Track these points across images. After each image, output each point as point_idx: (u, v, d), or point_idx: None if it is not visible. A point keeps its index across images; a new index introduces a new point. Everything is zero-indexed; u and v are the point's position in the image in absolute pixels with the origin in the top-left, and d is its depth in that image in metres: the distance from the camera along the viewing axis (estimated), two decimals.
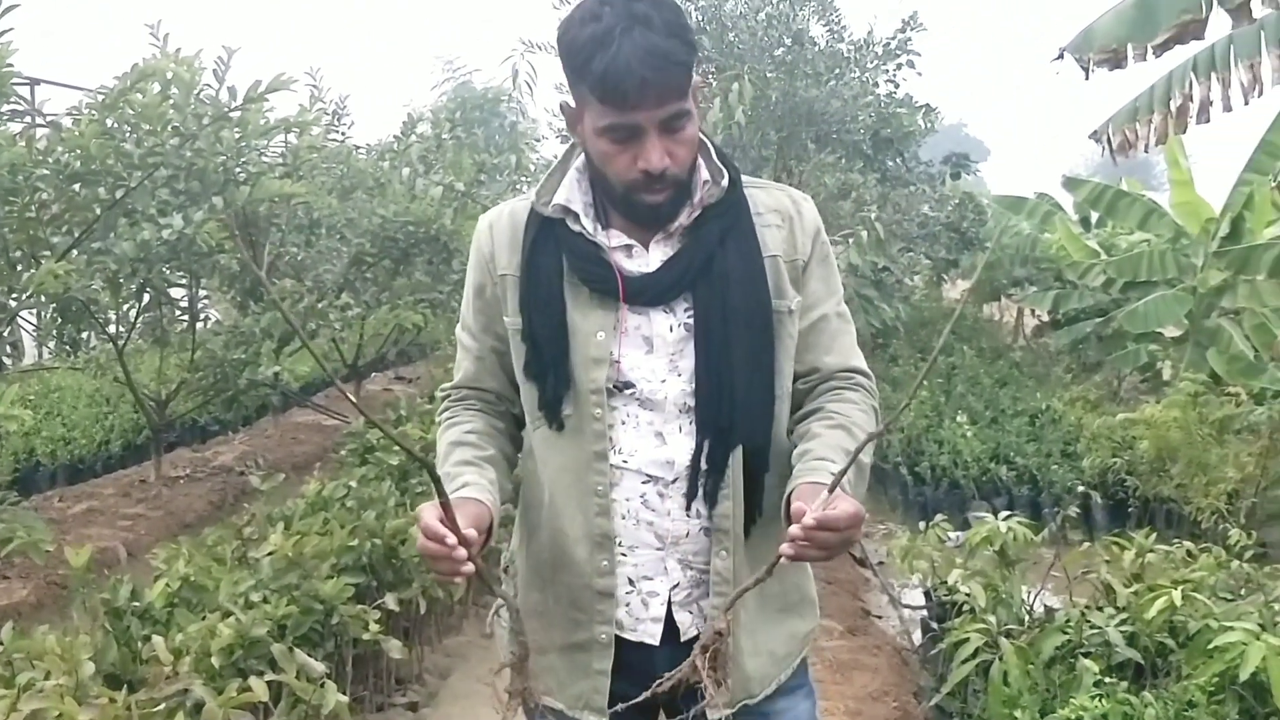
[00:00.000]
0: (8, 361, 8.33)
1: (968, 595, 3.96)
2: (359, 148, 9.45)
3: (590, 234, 1.79)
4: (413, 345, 12.66)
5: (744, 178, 1.85)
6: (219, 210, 5.85)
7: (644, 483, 1.80)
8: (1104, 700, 3.17)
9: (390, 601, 4.14)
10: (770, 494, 1.81)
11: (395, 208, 7.72)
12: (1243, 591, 3.87)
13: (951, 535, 4.83)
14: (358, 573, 4.22)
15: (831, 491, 1.55)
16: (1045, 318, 12.67)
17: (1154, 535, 4.23)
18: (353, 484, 5.15)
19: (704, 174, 1.80)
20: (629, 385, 1.79)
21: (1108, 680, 3.28)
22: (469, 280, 1.93)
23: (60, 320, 6.63)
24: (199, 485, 7.46)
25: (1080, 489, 6.71)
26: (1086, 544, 4.88)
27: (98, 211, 5.58)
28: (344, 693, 3.53)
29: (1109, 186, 10.18)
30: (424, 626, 4.79)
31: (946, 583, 4.33)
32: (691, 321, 1.78)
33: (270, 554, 3.92)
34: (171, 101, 5.64)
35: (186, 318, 7.60)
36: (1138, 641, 3.52)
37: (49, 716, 2.53)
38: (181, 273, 7.00)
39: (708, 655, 1.62)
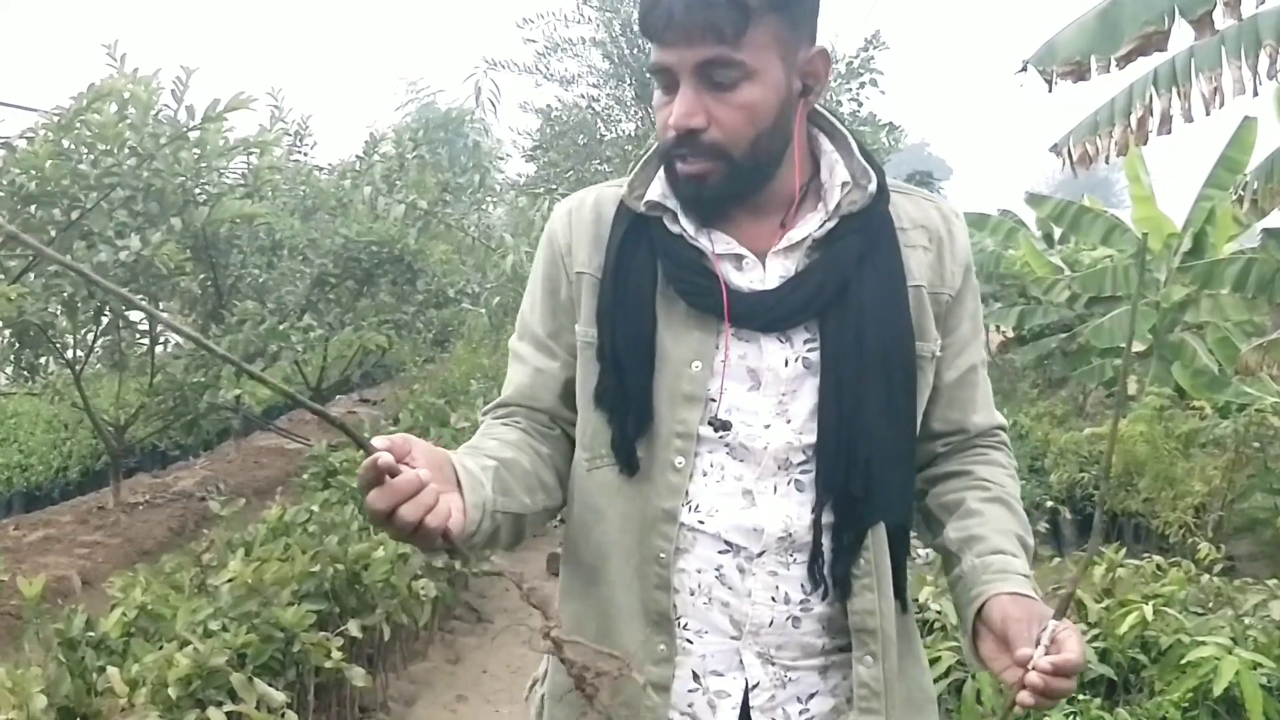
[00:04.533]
0: None
1: (939, 613, 3.93)
2: (321, 168, 9.36)
3: (691, 236, 1.45)
4: (377, 367, 12.55)
5: (888, 181, 1.50)
6: (177, 231, 5.77)
7: (721, 552, 1.45)
8: (1078, 718, 3.14)
9: (353, 628, 4.06)
10: (897, 577, 1.49)
11: (358, 227, 7.64)
12: (1212, 605, 3.86)
13: (921, 553, 4.80)
14: (320, 599, 4.15)
15: (1057, 617, 1.30)
16: (1010, 334, 12.74)
17: (1123, 550, 4.22)
18: (315, 508, 5.07)
19: (841, 173, 1.46)
20: (725, 426, 1.44)
21: (1080, 697, 3.25)
22: (536, 276, 1.58)
23: (17, 345, 6.52)
24: (158, 511, 7.33)
25: (1049, 504, 6.72)
26: (1056, 559, 4.87)
27: (53, 233, 5.48)
28: None
29: (1071, 203, 10.24)
30: (388, 653, 4.71)
31: (918, 600, 4.30)
32: (812, 356, 1.44)
33: (230, 581, 3.84)
34: (129, 121, 5.57)
35: (146, 341, 7.48)
36: (1110, 657, 3.50)
37: None
38: (140, 295, 6.88)
39: None
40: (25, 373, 6.96)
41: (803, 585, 1.44)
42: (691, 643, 1.48)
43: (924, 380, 1.49)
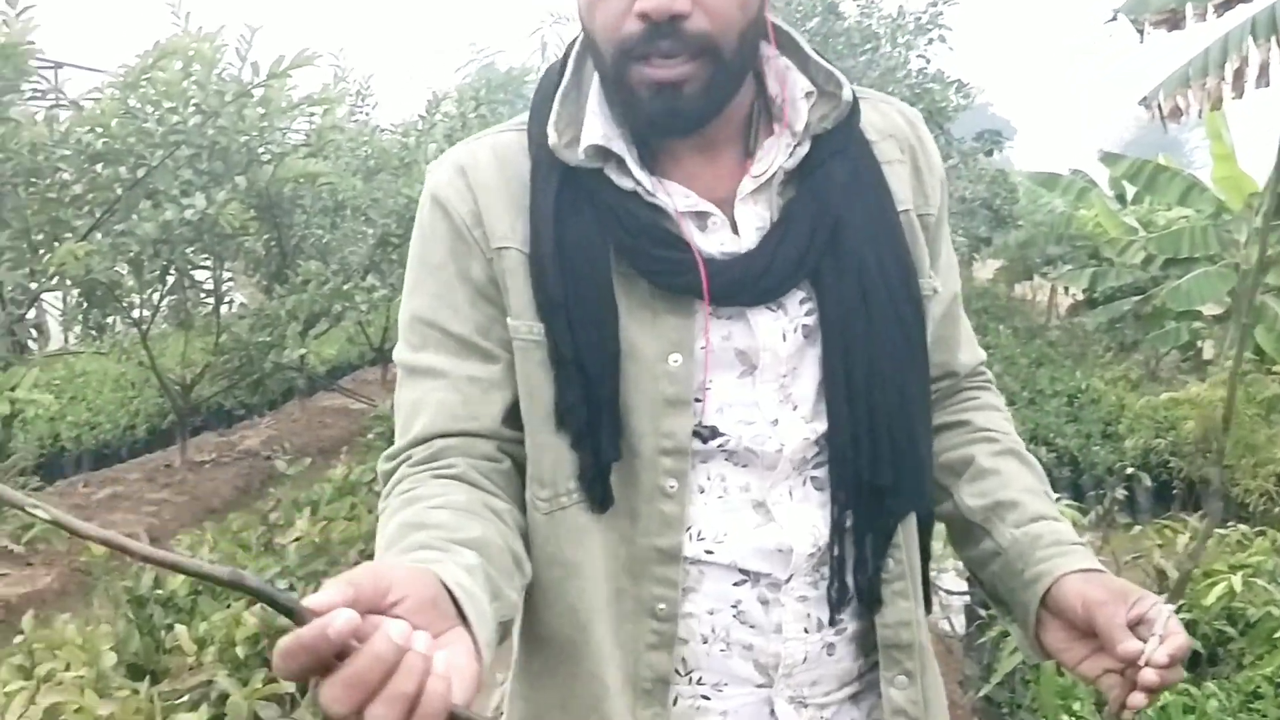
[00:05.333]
0: (33, 346, 8.30)
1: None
2: (383, 130, 9.35)
3: (648, 191, 1.12)
4: None
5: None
6: (242, 190, 5.76)
7: (738, 584, 1.16)
8: (1164, 694, 3.03)
9: None
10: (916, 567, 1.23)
11: (420, 187, 7.60)
12: None
13: None
14: None
15: (1174, 599, 1.13)
16: (1080, 296, 12.48)
17: (1207, 519, 4.08)
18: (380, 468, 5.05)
19: (800, 82, 1.15)
20: (714, 434, 1.14)
21: None
22: (430, 259, 1.18)
23: (85, 304, 6.58)
24: (225, 470, 7.39)
25: (1128, 470, 6.56)
26: (1135, 527, 4.74)
27: (119, 192, 5.50)
28: None
29: (1148, 161, 9.95)
30: None
31: None
32: (811, 321, 1.15)
33: (296, 540, 3.84)
34: (193, 79, 5.56)
35: (211, 301, 7.52)
36: (1196, 629, 3.38)
37: (68, 710, 2.43)
38: (205, 255, 6.92)
39: None
40: (93, 332, 7.03)
41: (830, 603, 1.18)
42: (709, 699, 1.18)
43: (929, 327, 1.22)
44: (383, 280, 7.59)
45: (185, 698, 2.77)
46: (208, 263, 7.27)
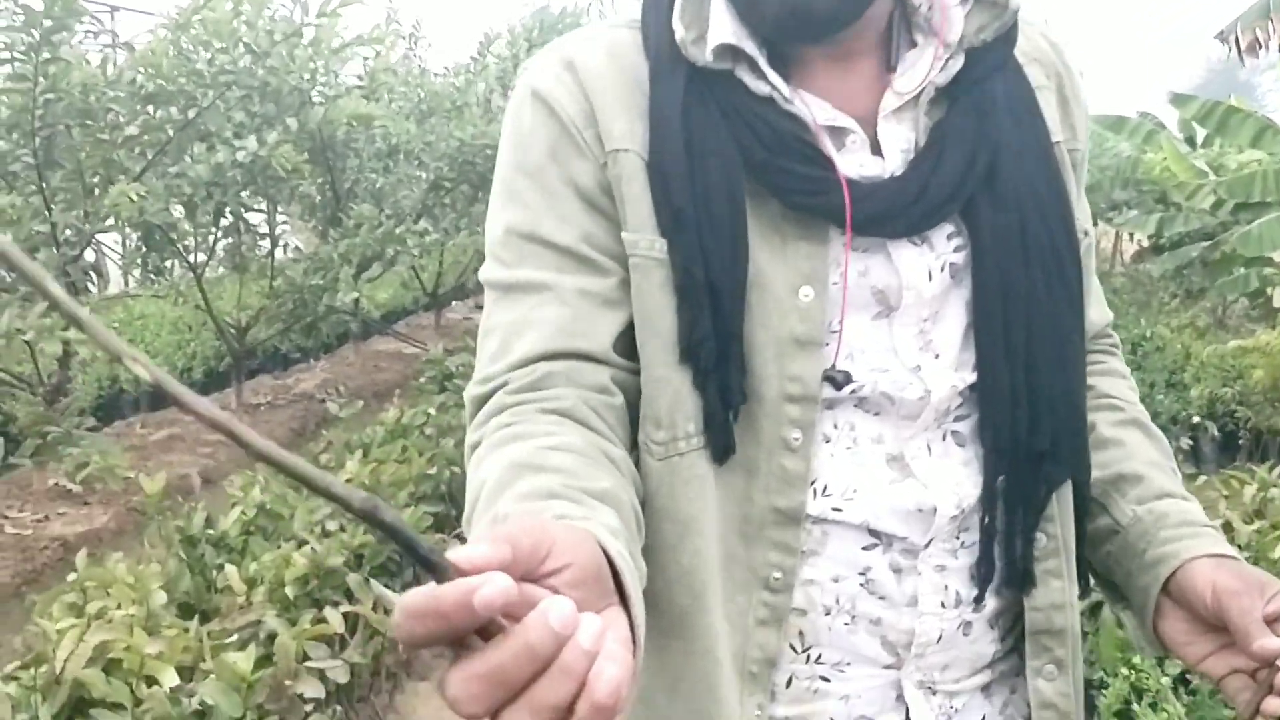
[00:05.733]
0: (93, 289, 8.38)
1: None
2: (435, 73, 9.29)
3: (785, 98, 0.97)
4: None
5: None
6: (294, 132, 5.74)
7: (867, 548, 1.02)
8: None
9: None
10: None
11: (473, 130, 7.56)
12: None
13: None
14: (436, 501, 4.15)
15: None
16: (1146, 242, 12.19)
17: (1277, 469, 3.96)
18: (431, 411, 5.07)
19: None
20: (847, 379, 1.00)
21: None
22: (528, 163, 1.02)
23: (143, 248, 6.62)
24: (280, 412, 7.44)
25: (1194, 420, 6.40)
26: (1200, 478, 4.62)
27: (171, 133, 5.49)
28: None
29: (1219, 103, 9.62)
30: None
31: None
32: (959, 259, 1.01)
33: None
34: (243, 18, 5.52)
35: (266, 244, 7.55)
36: None
37: (116, 647, 2.44)
38: (259, 198, 6.93)
39: None
40: (151, 276, 7.09)
41: (972, 576, 1.04)
42: (828, 680, 1.04)
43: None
44: (435, 225, 7.57)
45: (234, 637, 2.78)
46: (262, 206, 7.28)
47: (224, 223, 6.83)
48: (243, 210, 6.77)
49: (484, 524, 0.80)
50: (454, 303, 12.06)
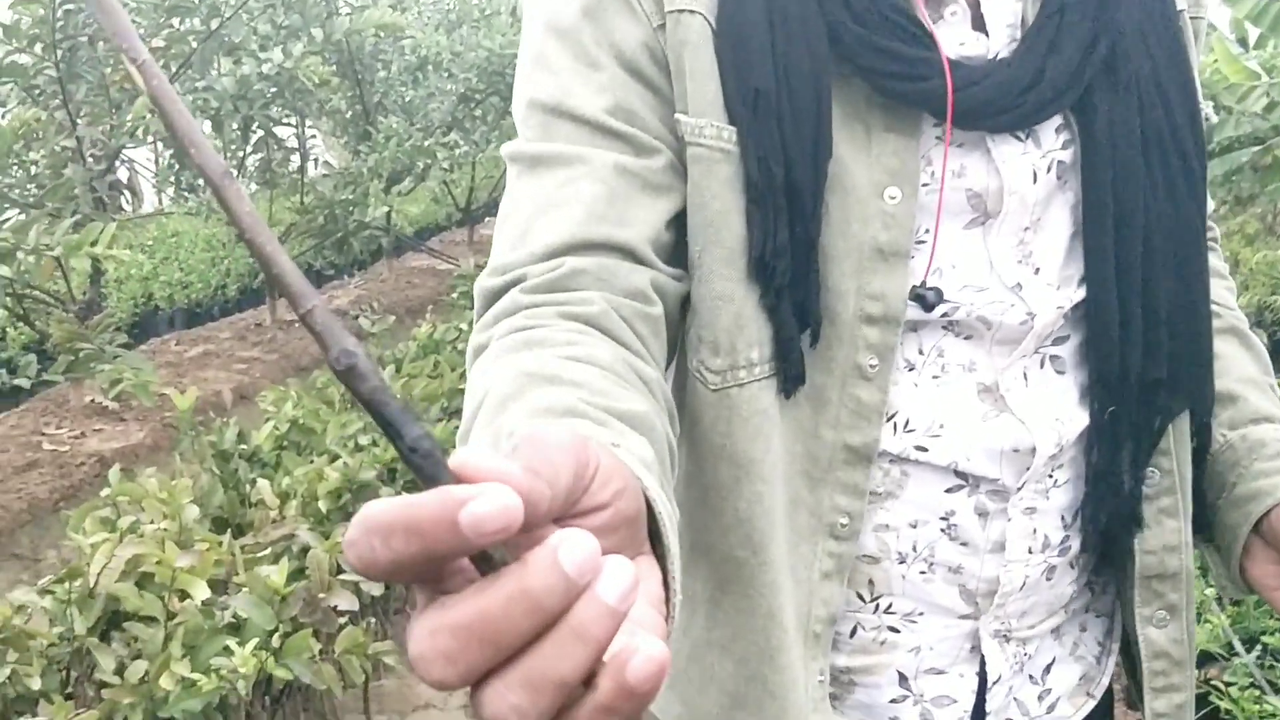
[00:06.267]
0: (127, 207, 8.36)
1: None
2: None
3: None
4: None
5: None
6: (319, 42, 5.64)
7: (950, 490, 0.90)
8: None
9: None
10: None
11: (501, 39, 7.43)
12: None
13: None
14: None
15: None
16: None
17: None
18: (464, 327, 5.04)
19: None
20: (939, 298, 0.86)
21: None
22: (554, 23, 0.87)
23: (175, 165, 6.58)
24: None
25: None
26: None
27: (194, 45, 5.41)
28: None
29: (1274, 0, 9.30)
30: None
31: None
32: (1067, 158, 0.87)
33: None
34: None
35: (297, 159, 7.49)
36: None
37: (148, 561, 2.43)
38: (288, 111, 6.85)
39: None
40: (185, 194, 7.06)
41: (1063, 518, 0.93)
42: (898, 631, 0.93)
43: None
44: (465, 137, 7.48)
45: (267, 551, 2.77)
46: (291, 120, 7.21)
47: (253, 138, 6.77)
48: (271, 125, 6.70)
49: (484, 441, 0.63)
50: (486, 218, 11.98)
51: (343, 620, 2.67)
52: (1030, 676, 0.98)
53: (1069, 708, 1.01)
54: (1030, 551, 0.92)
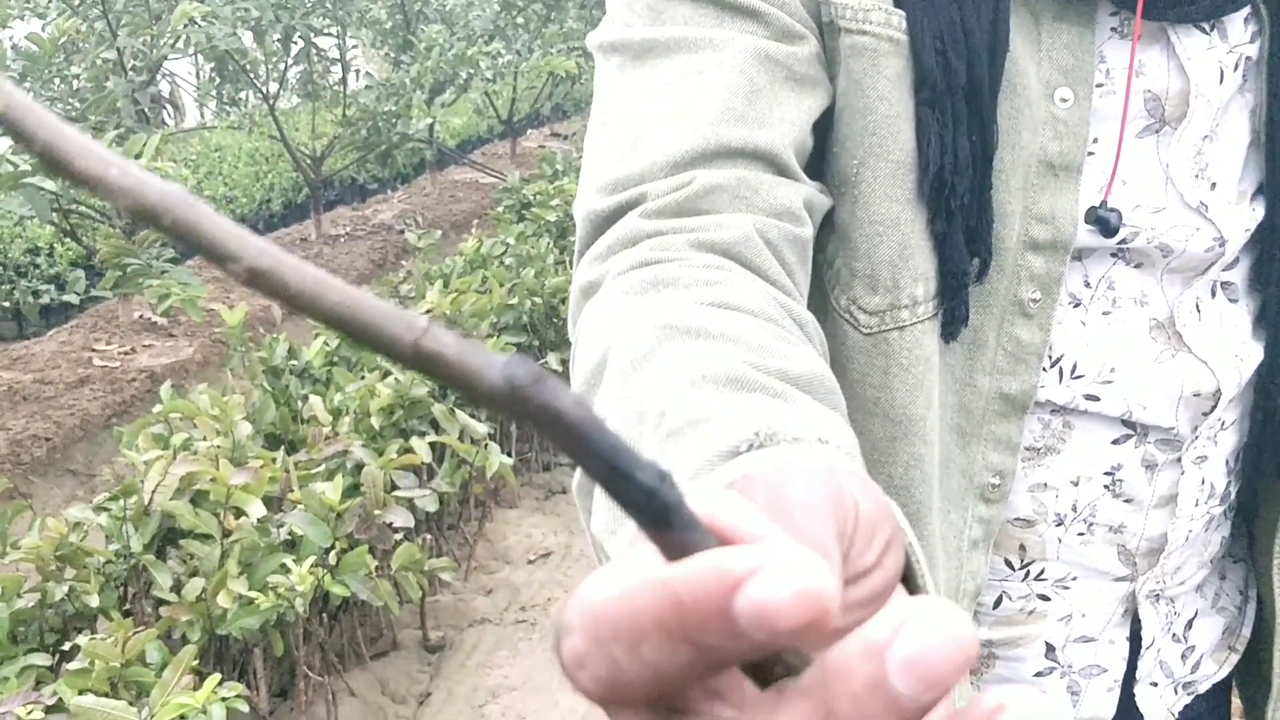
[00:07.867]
0: (169, 121, 8.32)
1: None
2: None
3: None
4: (567, 99, 12.28)
5: None
6: None
7: (1117, 442, 0.79)
8: None
9: (553, 361, 3.98)
10: None
11: None
12: None
13: None
14: (518, 332, 4.07)
15: None
16: None
17: None
18: (510, 241, 4.96)
19: None
20: (1120, 222, 0.74)
21: None
22: None
23: (217, 78, 6.52)
24: (359, 243, 7.39)
25: None
26: None
27: None
28: (508, 454, 3.39)
29: None
30: None
31: None
32: (1256, 53, 0.75)
33: (428, 312, 3.75)
34: None
35: (338, 70, 7.39)
36: None
37: (203, 479, 2.40)
38: (328, 21, 6.73)
39: None
40: (227, 107, 7.00)
41: (1228, 464, 0.83)
42: (1048, 599, 0.84)
43: None
44: (508, 46, 7.34)
45: (321, 467, 2.74)
46: (332, 31, 7.10)
47: (294, 50, 6.67)
48: (312, 35, 6.59)
49: (617, 416, 0.50)
50: (529, 130, 11.84)
51: (398, 536, 2.65)
52: (1174, 635, 0.89)
53: (1212, 665, 0.93)
54: (1196, 504, 0.82)
